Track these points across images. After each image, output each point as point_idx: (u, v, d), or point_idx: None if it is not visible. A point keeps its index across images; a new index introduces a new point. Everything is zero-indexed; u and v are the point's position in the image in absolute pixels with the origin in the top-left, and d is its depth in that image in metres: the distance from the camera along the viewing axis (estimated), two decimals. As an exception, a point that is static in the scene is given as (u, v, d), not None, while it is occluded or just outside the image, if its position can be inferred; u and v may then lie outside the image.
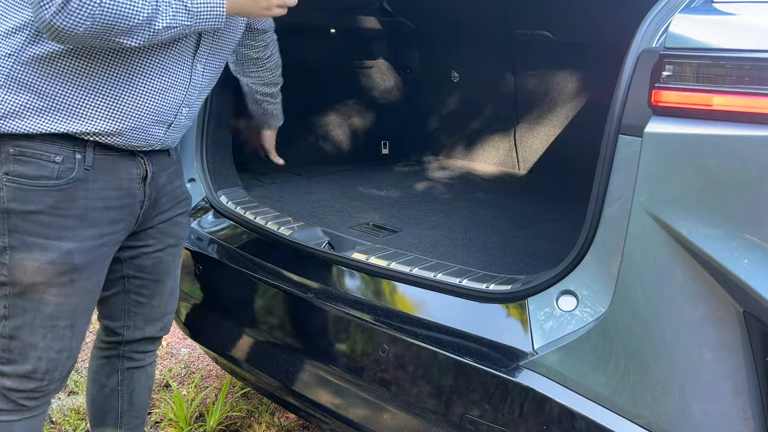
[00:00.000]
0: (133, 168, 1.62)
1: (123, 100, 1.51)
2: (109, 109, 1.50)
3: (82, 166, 1.52)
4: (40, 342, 1.55)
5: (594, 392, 1.38)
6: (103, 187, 1.56)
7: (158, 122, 1.60)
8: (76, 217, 1.52)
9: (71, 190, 1.51)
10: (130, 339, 1.86)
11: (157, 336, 1.91)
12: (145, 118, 1.56)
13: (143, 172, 1.65)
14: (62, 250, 1.51)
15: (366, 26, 3.32)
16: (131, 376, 1.92)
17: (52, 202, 1.49)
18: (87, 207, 1.53)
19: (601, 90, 2.52)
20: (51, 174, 1.48)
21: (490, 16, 3.11)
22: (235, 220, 2.22)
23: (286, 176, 2.96)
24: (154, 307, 1.85)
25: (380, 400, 1.71)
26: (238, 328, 2.11)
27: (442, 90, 3.53)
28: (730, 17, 1.34)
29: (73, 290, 1.55)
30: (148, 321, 1.86)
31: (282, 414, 2.69)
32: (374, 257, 1.86)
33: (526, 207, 2.72)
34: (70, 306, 1.57)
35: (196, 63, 1.62)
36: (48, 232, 1.49)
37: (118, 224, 1.62)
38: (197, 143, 2.37)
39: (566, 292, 1.48)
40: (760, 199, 1.20)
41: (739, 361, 1.27)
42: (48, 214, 1.49)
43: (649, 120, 1.30)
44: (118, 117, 1.52)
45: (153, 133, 1.60)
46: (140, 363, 1.92)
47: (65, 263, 1.52)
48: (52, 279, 1.52)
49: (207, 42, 1.63)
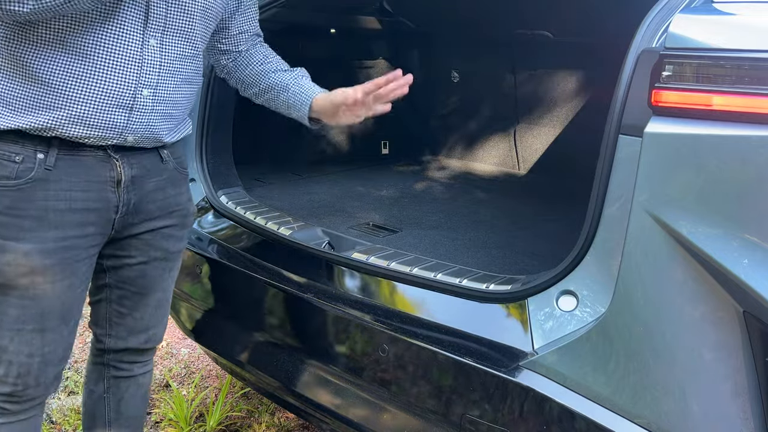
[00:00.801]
0: (105, 170, 1.55)
1: (66, 85, 1.44)
2: (54, 97, 1.44)
3: (42, 166, 1.47)
4: (8, 345, 1.52)
5: (594, 392, 1.38)
6: (67, 188, 1.50)
7: (114, 106, 1.50)
8: (33, 218, 1.48)
9: (29, 190, 1.47)
10: (113, 348, 1.81)
11: (142, 348, 1.83)
12: (97, 101, 1.47)
13: (117, 176, 1.56)
14: (20, 251, 1.47)
15: (366, 26, 3.31)
16: (117, 384, 1.86)
17: (8, 202, 1.46)
18: (46, 208, 1.49)
19: (601, 90, 2.52)
20: (10, 174, 1.46)
21: (490, 16, 3.11)
22: (235, 220, 2.22)
23: (286, 176, 2.96)
24: (137, 320, 1.78)
25: (380, 400, 1.71)
26: (238, 328, 2.11)
27: (442, 90, 3.53)
28: (730, 17, 1.34)
29: (36, 293, 1.51)
30: (131, 332, 1.79)
31: (282, 414, 2.69)
32: (374, 257, 1.86)
33: (526, 207, 2.72)
34: (37, 309, 1.52)
35: (148, 38, 1.51)
36: (5, 232, 1.46)
37: (86, 228, 1.55)
38: (197, 143, 2.38)
39: (566, 292, 1.48)
40: (760, 199, 1.20)
41: (739, 361, 1.27)
42: (5, 214, 1.46)
43: (649, 120, 1.30)
44: (66, 104, 1.45)
45: (113, 118, 1.50)
46: (127, 373, 1.85)
47: (24, 265, 1.48)
48: (11, 281, 1.49)
49: (158, 16, 1.51)
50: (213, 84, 2.37)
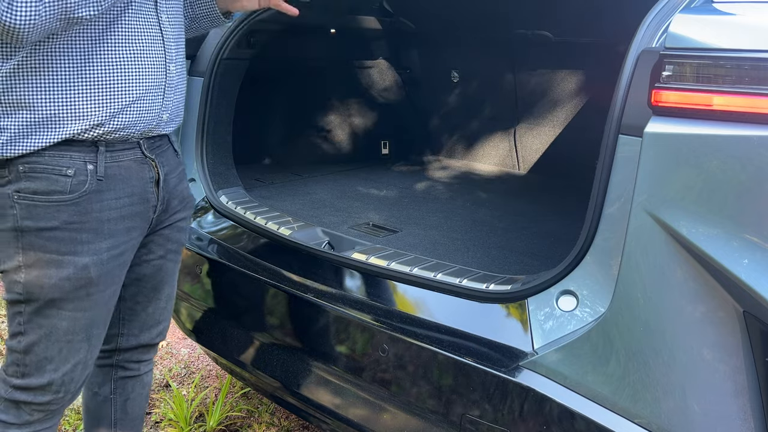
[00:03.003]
0: (145, 171, 1.58)
1: (108, 81, 1.45)
2: (98, 96, 1.44)
3: (94, 177, 1.48)
4: (56, 356, 1.52)
5: (594, 392, 1.38)
6: (117, 196, 1.52)
7: (154, 88, 1.53)
8: (90, 231, 1.48)
9: (85, 203, 1.47)
10: (124, 347, 1.81)
11: (152, 343, 1.85)
12: (139, 88, 1.49)
13: (155, 175, 1.61)
14: (78, 266, 1.47)
15: (366, 26, 3.31)
16: (124, 385, 1.86)
17: (66, 217, 1.45)
18: (101, 219, 1.49)
19: (601, 90, 2.52)
20: (64, 188, 1.44)
21: (490, 16, 3.11)
22: (235, 220, 2.22)
23: (286, 176, 2.96)
24: (149, 314, 1.80)
25: (380, 400, 1.71)
26: (238, 328, 2.11)
27: (442, 90, 3.53)
28: (730, 17, 1.34)
29: (89, 304, 1.52)
30: (143, 328, 1.81)
31: (282, 414, 2.69)
32: (374, 257, 1.86)
33: (526, 207, 2.72)
34: (87, 319, 1.53)
35: (161, 14, 1.55)
36: (63, 248, 1.45)
37: (133, 232, 1.58)
38: (197, 143, 2.38)
39: (566, 292, 1.48)
40: (760, 199, 1.20)
41: (739, 361, 1.27)
42: (63, 229, 1.45)
43: (649, 120, 1.30)
44: (112, 100, 1.46)
45: (154, 101, 1.53)
46: (134, 372, 1.86)
47: (81, 278, 1.48)
48: (68, 294, 1.48)
49: None
50: (213, 84, 2.38)
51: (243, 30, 2.40)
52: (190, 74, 2.43)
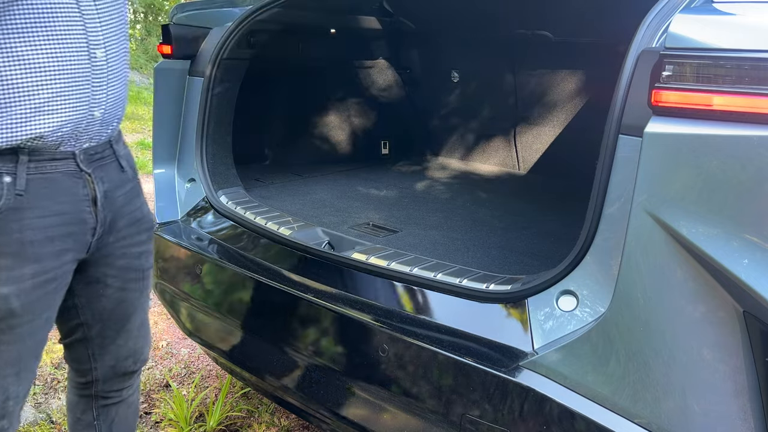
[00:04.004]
0: (78, 187, 1.37)
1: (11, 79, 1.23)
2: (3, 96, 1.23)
3: (12, 191, 1.27)
4: None
5: (594, 392, 1.38)
6: (42, 214, 1.31)
7: (72, 83, 1.30)
8: (10, 255, 1.28)
9: (2, 222, 1.26)
10: (99, 379, 1.67)
11: (131, 371, 1.71)
12: (52, 84, 1.27)
13: (92, 192, 1.40)
14: None
15: (366, 26, 3.32)
16: (107, 411, 1.73)
17: None
18: (23, 240, 1.28)
19: (601, 90, 2.52)
20: None
21: (490, 16, 3.11)
22: (235, 220, 2.22)
23: (286, 176, 2.96)
24: (121, 346, 1.64)
25: (380, 400, 1.71)
26: (238, 328, 2.11)
27: (442, 90, 3.53)
28: (730, 17, 1.34)
29: (13, 337, 1.34)
30: (118, 359, 1.66)
31: (282, 414, 2.69)
32: (374, 257, 1.86)
33: (526, 207, 2.72)
34: (14, 353, 1.35)
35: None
36: None
37: (65, 255, 1.37)
38: (197, 143, 2.38)
39: (566, 292, 1.48)
40: (760, 199, 1.20)
41: (739, 361, 1.27)
42: None
43: (649, 120, 1.30)
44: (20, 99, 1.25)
45: (77, 100, 1.31)
46: (116, 399, 1.73)
47: (1, 310, 1.30)
48: None
49: None
50: (212, 84, 2.37)
51: (243, 30, 2.40)
52: (190, 74, 2.43)
